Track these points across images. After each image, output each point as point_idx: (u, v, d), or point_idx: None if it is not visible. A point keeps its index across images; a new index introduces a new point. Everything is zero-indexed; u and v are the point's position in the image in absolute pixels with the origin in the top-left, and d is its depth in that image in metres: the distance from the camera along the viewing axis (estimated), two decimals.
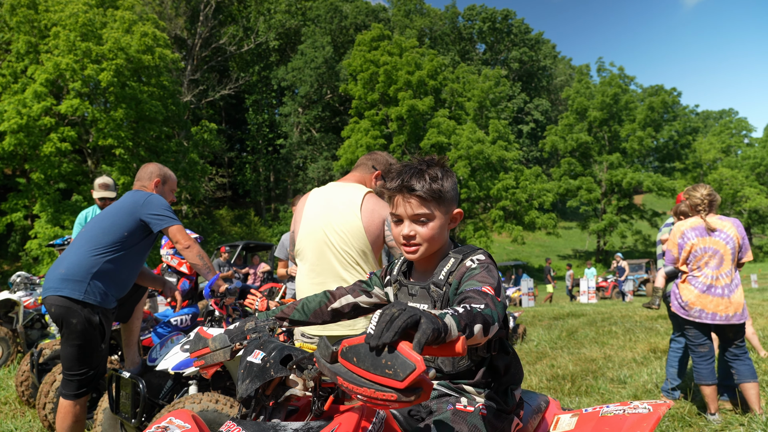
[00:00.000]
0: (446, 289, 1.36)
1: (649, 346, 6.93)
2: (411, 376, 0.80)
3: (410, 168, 1.38)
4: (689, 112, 47.47)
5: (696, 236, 3.69)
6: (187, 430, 1.32)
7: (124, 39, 22.65)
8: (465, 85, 35.69)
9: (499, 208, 32.70)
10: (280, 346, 1.24)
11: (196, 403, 2.62)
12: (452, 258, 1.40)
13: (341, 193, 2.44)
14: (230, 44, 37.52)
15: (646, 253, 39.64)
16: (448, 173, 1.40)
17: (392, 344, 0.83)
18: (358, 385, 0.85)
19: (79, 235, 2.84)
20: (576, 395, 4.65)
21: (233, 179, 40.14)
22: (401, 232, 1.38)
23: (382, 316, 0.88)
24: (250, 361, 1.23)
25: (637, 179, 37.84)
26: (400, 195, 1.36)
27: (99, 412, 3.09)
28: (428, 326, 0.87)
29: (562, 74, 56.52)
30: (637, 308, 12.83)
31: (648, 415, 1.42)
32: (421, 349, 0.85)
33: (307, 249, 2.40)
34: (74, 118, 23.00)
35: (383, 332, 0.85)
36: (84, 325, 2.62)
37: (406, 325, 0.85)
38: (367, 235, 2.33)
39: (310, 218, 2.41)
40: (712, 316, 3.59)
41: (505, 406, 1.39)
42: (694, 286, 3.68)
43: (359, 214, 2.34)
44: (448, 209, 1.40)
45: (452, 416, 1.32)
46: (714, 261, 3.65)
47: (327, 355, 0.95)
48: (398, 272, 1.53)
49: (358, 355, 0.86)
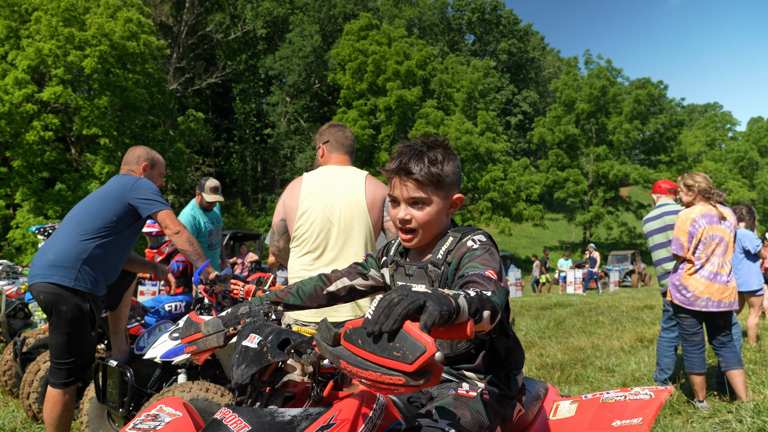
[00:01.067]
0: (444, 268, 1.32)
1: (636, 336, 7.00)
2: (421, 358, 0.75)
3: (410, 149, 1.33)
4: (675, 106, 47.75)
5: (706, 223, 3.65)
6: (178, 418, 1.27)
7: (108, 25, 22.20)
8: (454, 76, 35.64)
9: (486, 200, 32.83)
10: (277, 329, 1.19)
11: (185, 391, 2.57)
12: (451, 237, 1.35)
13: (342, 176, 2.40)
14: (217, 32, 36.98)
15: (632, 245, 40.07)
16: (450, 156, 1.35)
17: (391, 333, 0.79)
18: (363, 368, 0.81)
19: (66, 220, 2.76)
20: (566, 384, 4.68)
21: (220, 169, 39.74)
22: (397, 215, 1.34)
23: (381, 302, 0.83)
24: (245, 346, 1.18)
25: (623, 171, 38.10)
26: (398, 177, 1.32)
27: (85, 402, 3.03)
28: (435, 309, 0.83)
29: (550, 66, 56.60)
30: (623, 298, 12.97)
31: (650, 401, 1.40)
32: (429, 331, 0.80)
33: (309, 235, 2.36)
34: (57, 106, 22.56)
35: (380, 318, 0.81)
36: (74, 312, 2.54)
37: (407, 312, 0.81)
38: (370, 215, 2.34)
39: (312, 203, 2.36)
40: (717, 304, 3.59)
41: (508, 392, 1.36)
42: (701, 276, 3.63)
43: (364, 197, 2.34)
44: (447, 194, 1.35)
45: (454, 401, 1.29)
46: (720, 249, 3.64)
47: (329, 338, 0.91)
48: (395, 252, 1.48)
49: (362, 337, 0.82)
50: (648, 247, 4.58)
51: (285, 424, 1.07)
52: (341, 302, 1.56)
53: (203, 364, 3.09)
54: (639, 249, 28.38)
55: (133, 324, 3.82)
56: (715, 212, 3.67)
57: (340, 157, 2.52)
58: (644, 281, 23.61)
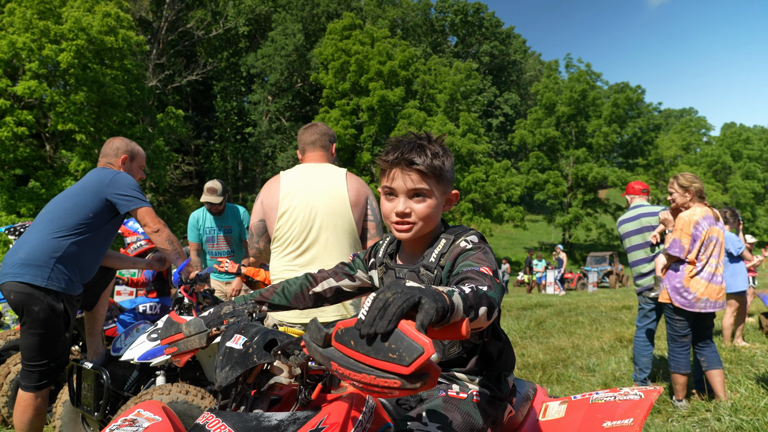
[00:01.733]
0: (438, 271, 1.28)
1: (615, 335, 7.08)
2: (418, 360, 0.71)
3: (409, 141, 1.29)
4: (652, 110, 48.62)
5: (708, 225, 3.64)
6: (157, 423, 1.21)
7: (85, 19, 21.71)
8: (436, 77, 35.73)
9: (468, 201, 32.96)
10: (263, 330, 1.14)
11: (164, 394, 2.50)
12: (443, 239, 1.32)
13: (321, 173, 2.36)
14: (198, 29, 36.49)
15: (610, 246, 40.66)
16: (448, 153, 1.32)
17: (386, 334, 0.75)
18: (356, 371, 0.77)
19: (39, 216, 2.65)
20: (548, 384, 4.69)
21: (200, 167, 39.25)
22: (395, 208, 1.28)
23: (375, 301, 0.79)
24: (229, 347, 1.13)
25: (602, 174, 38.64)
26: (399, 168, 1.27)
27: (58, 405, 2.93)
28: (431, 306, 0.79)
29: (531, 69, 57.14)
30: (602, 299, 13.13)
31: (640, 401, 1.39)
32: (425, 331, 0.77)
33: (291, 234, 2.31)
34: (31, 101, 21.98)
35: (376, 320, 0.76)
36: (47, 313, 2.44)
37: (402, 311, 0.76)
38: (353, 212, 2.31)
39: (293, 202, 2.32)
40: (714, 304, 3.61)
41: (499, 393, 1.33)
42: (702, 277, 3.63)
43: (346, 194, 2.31)
44: (445, 189, 1.33)
45: (444, 403, 1.25)
46: (716, 250, 3.67)
47: (319, 339, 0.86)
48: (384, 254, 1.43)
49: (355, 338, 0.78)
50: (624, 249, 4.60)
51: (271, 429, 1.02)
52: (327, 304, 1.51)
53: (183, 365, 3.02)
54: (617, 250, 28.79)
55: (110, 325, 3.72)
56: (712, 213, 3.69)
57: (313, 154, 2.49)
58: (622, 282, 23.97)
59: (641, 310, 4.49)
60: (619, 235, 4.65)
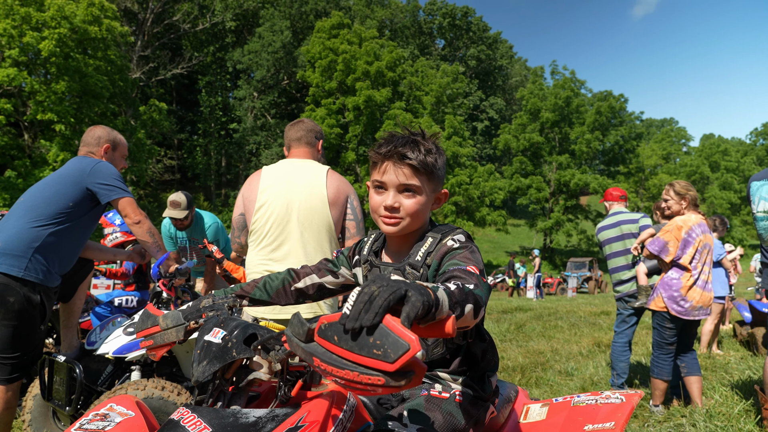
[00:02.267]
0: (424, 270, 1.26)
1: (594, 340, 7.15)
2: (403, 357, 0.69)
3: (403, 137, 1.28)
4: (634, 119, 49.46)
5: (701, 233, 3.64)
6: (129, 418, 1.17)
7: (69, 7, 21.34)
8: (423, 79, 35.82)
9: (451, 203, 33.07)
10: (243, 324, 1.11)
11: (139, 389, 2.44)
12: (430, 237, 1.30)
13: (302, 169, 2.33)
14: (184, 22, 36.08)
15: (589, 252, 41.16)
16: (441, 151, 1.31)
17: (371, 327, 0.72)
18: (339, 367, 0.74)
19: (17, 205, 2.56)
20: (527, 387, 4.71)
21: (183, 162, 38.79)
22: (383, 202, 1.26)
23: (360, 295, 0.76)
24: (208, 341, 1.09)
25: (584, 181, 39.12)
26: (390, 161, 1.25)
27: (28, 399, 2.85)
28: (418, 299, 0.76)
29: (517, 74, 57.63)
30: (581, 304, 13.27)
31: (621, 405, 1.39)
32: (411, 325, 0.74)
33: (267, 228, 2.28)
34: (10, 89, 21.51)
35: (361, 314, 0.73)
36: (22, 304, 2.36)
37: (388, 303, 0.74)
38: (331, 210, 2.28)
39: (270, 195, 2.29)
40: (705, 312, 3.64)
41: (482, 393, 1.32)
42: (697, 286, 3.62)
43: (325, 191, 2.28)
44: (435, 188, 1.31)
45: (426, 403, 1.23)
46: (708, 257, 3.69)
47: (301, 333, 0.84)
48: (369, 252, 1.41)
49: (339, 334, 0.75)
50: (604, 255, 4.63)
51: (249, 426, 0.99)
52: (310, 300, 1.48)
53: (159, 360, 2.96)
54: (596, 257, 29.18)
55: (84, 318, 3.63)
56: (705, 221, 3.72)
57: (298, 150, 2.48)
58: (600, 288, 24.28)
59: (619, 315, 4.52)
60: (599, 242, 4.66)
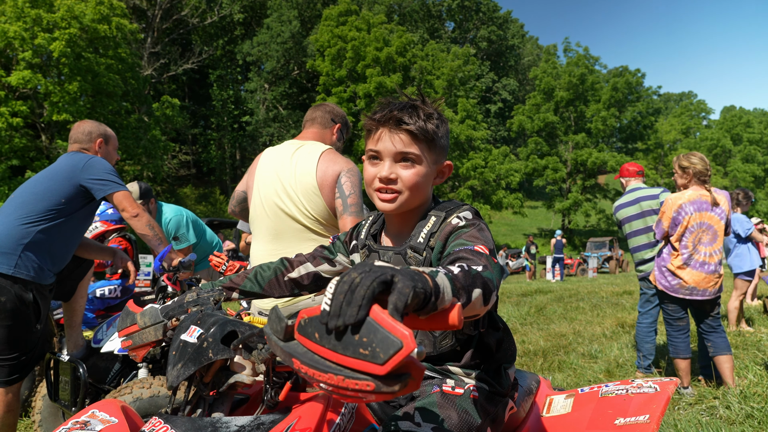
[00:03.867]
0: (427, 253, 1.13)
1: (617, 321, 6.96)
2: (395, 357, 0.57)
3: (401, 102, 1.14)
4: (652, 94, 48.25)
5: (694, 210, 3.50)
6: (112, 426, 1.07)
7: (78, 7, 21.39)
8: (434, 63, 35.37)
9: (467, 188, 32.79)
10: (221, 320, 0.98)
11: (145, 387, 2.36)
12: (433, 216, 1.16)
13: (297, 151, 2.20)
14: (193, 16, 36.02)
15: (609, 232, 40.55)
16: (443, 118, 1.17)
17: (356, 324, 0.60)
18: (322, 370, 0.62)
19: (8, 202, 2.49)
20: (549, 371, 4.58)
21: (197, 157, 38.99)
22: (378, 173, 1.13)
23: (339, 285, 0.63)
24: (184, 341, 0.97)
25: (601, 159, 38.43)
26: (386, 128, 1.11)
27: (38, 399, 2.80)
28: (406, 284, 0.63)
29: (529, 54, 56.61)
30: (603, 284, 13.02)
31: (655, 395, 1.25)
32: (401, 317, 0.61)
33: (261, 214, 2.17)
34: (26, 91, 21.73)
35: (343, 308, 0.61)
36: (14, 303, 2.29)
37: (372, 292, 0.62)
38: (323, 197, 2.10)
39: (263, 180, 2.18)
40: (702, 293, 3.48)
41: (499, 388, 1.18)
42: (688, 265, 3.51)
43: (314, 175, 2.09)
44: (437, 159, 1.17)
45: (439, 400, 1.10)
46: (707, 237, 3.51)
47: (279, 330, 0.71)
48: (366, 235, 1.28)
49: (320, 330, 0.63)
50: (624, 234, 4.44)
51: None
52: (306, 291, 1.36)
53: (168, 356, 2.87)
54: (616, 236, 28.71)
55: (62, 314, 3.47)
56: (707, 198, 3.51)
57: (307, 131, 2.36)
58: (622, 267, 23.90)
59: (643, 295, 4.36)
60: (617, 221, 4.48)
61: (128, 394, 2.29)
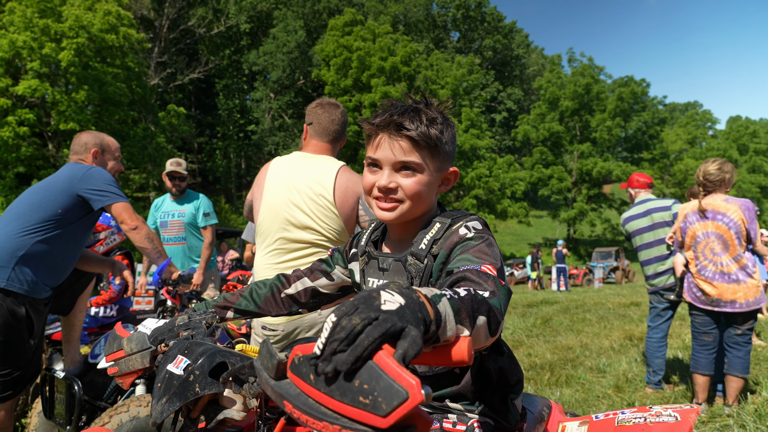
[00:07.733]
0: (428, 261, 1.04)
1: (625, 334, 6.84)
2: (400, 409, 0.50)
3: (402, 105, 1.06)
4: (657, 104, 48.13)
5: (696, 220, 3.49)
6: None
7: (86, 17, 21.54)
8: (438, 73, 35.47)
9: (472, 197, 32.71)
10: (210, 350, 0.91)
11: (142, 405, 2.29)
12: (438, 223, 1.08)
13: (310, 166, 2.13)
14: (199, 26, 36.31)
15: (615, 242, 40.28)
16: (449, 122, 1.09)
17: (351, 372, 0.53)
18: (316, 417, 0.55)
19: (5, 213, 2.44)
20: (556, 386, 4.47)
21: (203, 165, 39.14)
22: (377, 182, 1.05)
23: (336, 328, 0.55)
24: (169, 371, 0.90)
25: (606, 168, 38.28)
26: (386, 133, 1.04)
27: (33, 417, 2.74)
28: (418, 334, 0.56)
29: (534, 64, 56.68)
30: (609, 295, 12.87)
31: (676, 425, 1.17)
32: (407, 364, 0.54)
33: (269, 227, 2.10)
34: (33, 100, 21.86)
35: (337, 354, 0.54)
36: (6, 317, 2.23)
37: (377, 345, 0.54)
38: (340, 215, 2.04)
39: (273, 191, 2.11)
40: (731, 305, 3.37)
41: (505, 424, 1.09)
42: (705, 276, 3.46)
43: (332, 192, 2.03)
44: (441, 166, 1.09)
45: None
46: (718, 246, 3.43)
47: (270, 367, 0.64)
48: (367, 242, 1.19)
49: (315, 371, 0.56)
50: (634, 246, 4.35)
51: None
52: (305, 309, 1.29)
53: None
54: (622, 245, 28.49)
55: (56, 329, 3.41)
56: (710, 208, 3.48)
57: (318, 144, 2.22)
58: (628, 278, 23.67)
59: (653, 309, 4.26)
60: (627, 233, 4.39)
61: (125, 413, 2.22)
